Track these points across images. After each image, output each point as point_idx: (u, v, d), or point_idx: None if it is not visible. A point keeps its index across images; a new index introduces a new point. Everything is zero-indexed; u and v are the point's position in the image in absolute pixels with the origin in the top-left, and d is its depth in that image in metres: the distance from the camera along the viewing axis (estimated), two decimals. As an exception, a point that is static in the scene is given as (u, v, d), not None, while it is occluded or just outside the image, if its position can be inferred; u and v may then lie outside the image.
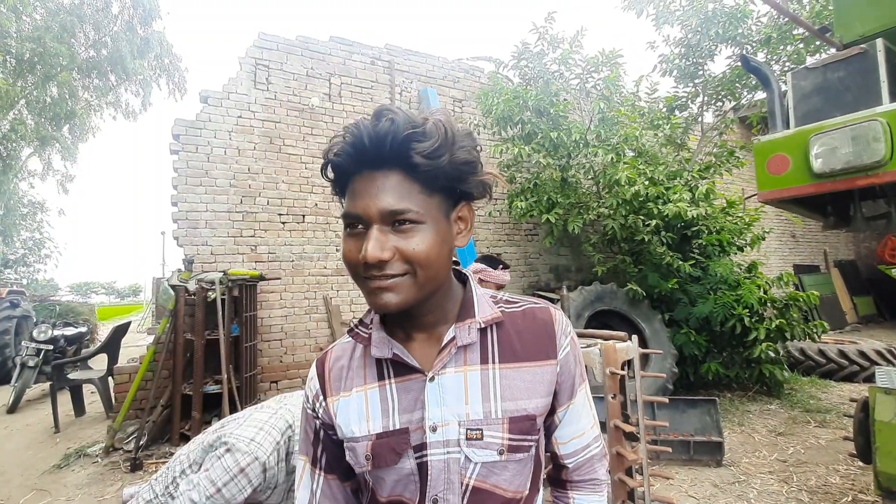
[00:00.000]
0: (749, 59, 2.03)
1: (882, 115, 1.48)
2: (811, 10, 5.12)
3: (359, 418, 0.68)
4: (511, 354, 0.69)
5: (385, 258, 0.58)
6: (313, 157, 5.49)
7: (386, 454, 0.65)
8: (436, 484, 0.65)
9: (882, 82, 1.64)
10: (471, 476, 0.65)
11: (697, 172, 5.42)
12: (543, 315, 0.73)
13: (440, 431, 0.65)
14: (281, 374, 5.09)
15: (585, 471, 0.79)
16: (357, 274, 0.62)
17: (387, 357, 0.67)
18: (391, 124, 0.59)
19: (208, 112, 5.02)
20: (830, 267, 10.73)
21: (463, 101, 6.64)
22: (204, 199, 4.91)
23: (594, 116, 5.45)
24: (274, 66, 5.40)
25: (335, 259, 5.50)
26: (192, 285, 4.26)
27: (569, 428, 0.76)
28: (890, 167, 1.47)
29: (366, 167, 0.60)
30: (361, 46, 5.99)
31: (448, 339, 0.66)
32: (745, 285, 4.92)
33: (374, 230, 0.59)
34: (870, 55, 1.69)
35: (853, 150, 1.53)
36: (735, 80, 5.62)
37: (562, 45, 5.57)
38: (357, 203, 0.60)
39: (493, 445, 0.65)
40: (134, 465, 3.55)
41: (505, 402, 0.66)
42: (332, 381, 0.72)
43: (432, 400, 0.65)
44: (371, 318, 0.72)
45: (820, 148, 1.63)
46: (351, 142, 0.60)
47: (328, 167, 0.64)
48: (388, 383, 0.68)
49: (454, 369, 0.67)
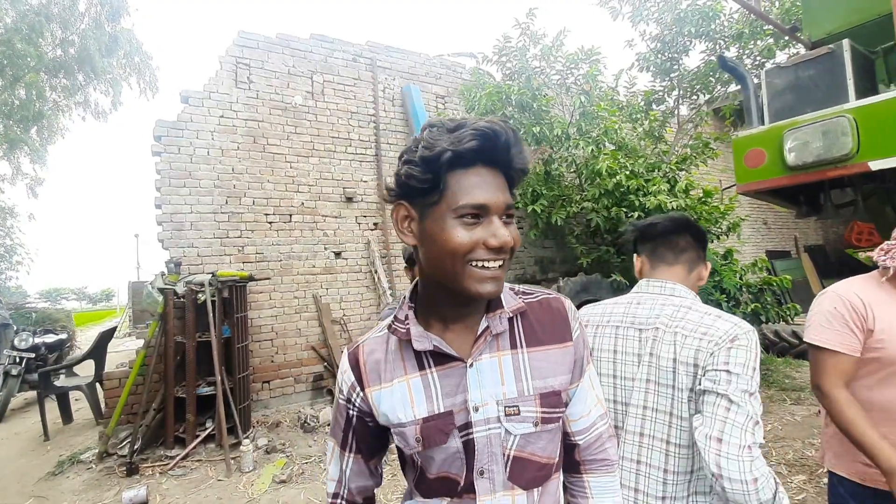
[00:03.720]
0: (726, 59, 2.14)
1: (849, 111, 1.60)
2: (781, 6, 5.32)
3: (404, 406, 0.75)
4: (535, 339, 0.77)
5: (512, 244, 0.67)
6: (298, 155, 5.47)
7: (435, 435, 0.73)
8: (481, 457, 0.72)
9: (848, 80, 1.77)
10: (511, 447, 0.73)
11: (675, 164, 5.60)
12: (557, 304, 0.82)
13: (482, 411, 0.72)
14: (273, 373, 5.10)
15: (596, 449, 0.86)
16: (467, 260, 0.66)
17: (428, 349, 0.74)
18: (513, 133, 0.67)
19: (189, 112, 4.95)
20: (801, 252, 11.17)
21: (446, 97, 6.68)
22: (188, 201, 4.85)
23: (575, 111, 5.56)
24: (255, 64, 5.35)
25: (324, 258, 5.51)
26: (180, 288, 4.23)
27: (578, 406, 0.83)
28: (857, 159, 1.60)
29: (482, 163, 0.67)
30: (343, 44, 5.97)
31: (483, 328, 0.74)
32: (723, 271, 5.12)
33: (496, 219, 0.67)
34: (837, 55, 1.81)
35: (824, 144, 1.65)
36: (709, 73, 5.80)
37: (543, 40, 5.66)
38: (481, 194, 0.66)
39: (529, 419, 0.73)
40: (130, 469, 3.53)
41: (535, 380, 0.75)
42: (370, 374, 0.78)
43: (472, 384, 0.73)
44: (405, 315, 0.78)
45: (793, 142, 1.75)
46: (485, 136, 0.65)
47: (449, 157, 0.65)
48: (429, 372, 0.75)
49: (489, 355, 0.75)
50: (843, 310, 1.30)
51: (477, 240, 0.66)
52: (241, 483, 3.51)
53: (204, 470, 3.72)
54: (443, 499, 0.76)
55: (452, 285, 0.69)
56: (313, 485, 3.49)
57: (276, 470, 3.68)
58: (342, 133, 5.79)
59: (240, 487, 3.44)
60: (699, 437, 0.90)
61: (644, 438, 1.03)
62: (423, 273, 0.76)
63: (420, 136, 0.69)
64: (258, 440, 4.21)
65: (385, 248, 5.93)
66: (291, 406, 5.11)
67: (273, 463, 3.84)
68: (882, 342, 1.26)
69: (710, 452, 0.88)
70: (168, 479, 3.57)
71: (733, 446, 0.87)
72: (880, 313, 1.27)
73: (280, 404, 5.09)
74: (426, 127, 0.70)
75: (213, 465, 3.78)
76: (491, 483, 0.73)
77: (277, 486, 3.46)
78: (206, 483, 3.51)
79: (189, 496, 3.31)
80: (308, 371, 5.30)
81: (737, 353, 0.94)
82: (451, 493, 0.75)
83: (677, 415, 0.99)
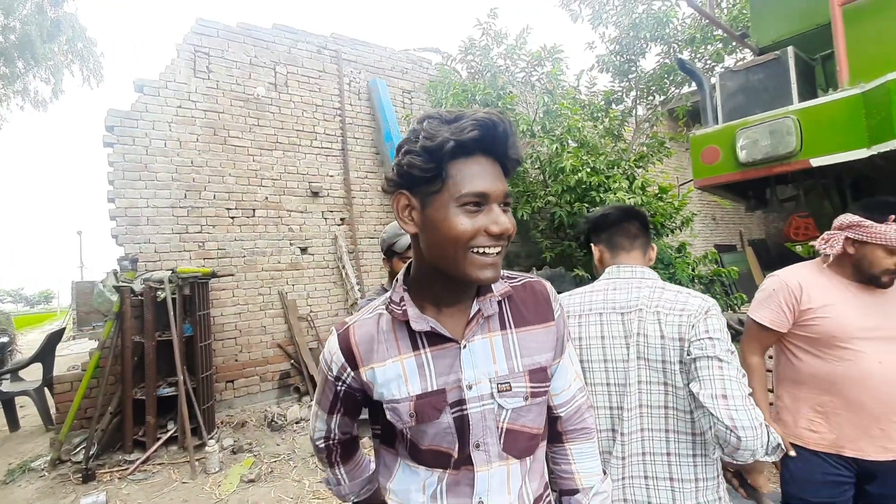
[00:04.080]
0: (684, 62, 2.28)
1: (793, 112, 1.75)
2: (729, 14, 5.65)
3: (398, 383, 0.78)
4: (522, 320, 0.83)
5: (511, 232, 0.71)
6: (261, 148, 5.33)
7: (428, 411, 0.77)
8: (476, 431, 0.77)
9: (792, 84, 1.93)
10: (504, 420, 0.79)
11: (633, 162, 5.85)
12: (539, 287, 0.88)
13: (475, 388, 0.77)
14: (237, 372, 4.97)
15: (576, 420, 0.93)
16: (467, 247, 0.70)
17: (425, 330, 0.78)
18: (509, 124, 0.71)
19: (144, 102, 4.72)
20: (745, 246, 11.92)
21: (412, 92, 6.67)
22: (144, 195, 4.64)
23: (539, 109, 5.70)
24: (214, 53, 5.16)
25: (289, 253, 5.40)
26: (137, 285, 4.04)
27: (559, 381, 0.90)
28: (800, 157, 1.75)
29: (481, 153, 0.71)
30: (307, 35, 5.85)
31: (475, 311, 0.79)
32: (677, 264, 5.41)
33: (496, 207, 0.71)
34: (782, 61, 1.97)
35: (771, 142, 1.80)
36: (664, 76, 6.09)
37: (506, 40, 5.76)
38: (481, 183, 0.70)
39: (520, 394, 0.79)
40: (86, 475, 3.37)
41: (524, 358, 0.81)
42: (363, 354, 0.81)
43: (466, 363, 0.78)
44: (400, 297, 0.81)
45: (744, 140, 1.89)
46: (485, 126, 0.69)
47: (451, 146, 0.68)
48: (424, 352, 0.79)
49: (481, 336, 0.80)
50: (779, 291, 1.49)
51: (479, 227, 0.69)
52: (207, 484, 3.41)
53: (167, 473, 3.59)
54: (435, 470, 0.79)
55: (453, 272, 0.72)
56: (283, 482, 3.45)
57: (244, 469, 3.61)
58: (307, 126, 5.68)
59: (206, 489, 3.35)
60: (705, 400, 1.00)
61: (643, 409, 1.12)
62: (421, 259, 0.79)
63: (419, 127, 0.72)
64: (223, 440, 4.10)
65: (352, 243, 5.88)
66: (257, 405, 5.00)
67: (240, 463, 3.76)
68: (816, 320, 1.44)
69: (719, 409, 0.97)
70: (128, 484, 3.43)
71: (738, 398, 0.98)
72: (816, 295, 1.45)
73: (245, 404, 4.97)
74: (424, 118, 0.73)
75: (177, 468, 3.66)
76: (487, 455, 0.77)
77: (246, 486, 3.39)
78: (170, 486, 3.40)
79: (152, 500, 3.20)
80: (274, 369, 5.19)
81: (712, 321, 1.08)
82: (445, 466, 0.79)
83: (671, 384, 1.10)
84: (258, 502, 3.16)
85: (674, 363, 1.09)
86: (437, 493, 0.79)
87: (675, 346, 1.09)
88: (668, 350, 1.09)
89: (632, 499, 1.10)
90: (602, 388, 1.16)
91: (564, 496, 0.93)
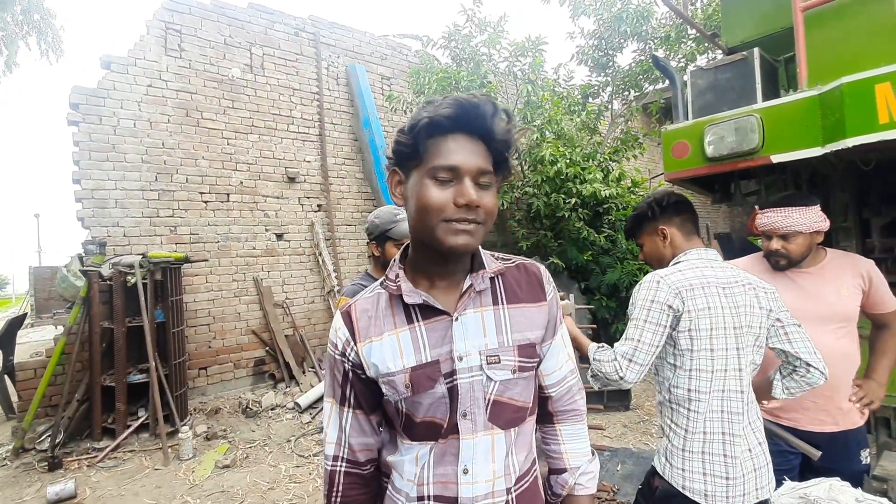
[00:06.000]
0: (659, 59, 2.36)
1: (757, 111, 1.84)
2: (704, 13, 5.80)
3: (393, 356, 0.82)
4: (514, 297, 0.87)
5: (479, 203, 0.73)
6: (236, 132, 5.21)
7: (423, 381, 0.80)
8: (464, 401, 0.81)
9: (757, 84, 2.03)
10: (491, 392, 0.82)
11: (608, 155, 5.99)
12: (533, 268, 0.93)
13: (465, 360, 0.81)
14: (210, 359, 4.90)
15: (567, 401, 0.97)
16: (440, 218, 0.74)
17: (417, 303, 0.82)
18: (492, 105, 0.74)
19: (112, 79, 4.55)
20: (711, 239, 12.37)
21: (391, 78, 6.62)
22: (112, 176, 4.49)
23: (520, 99, 5.75)
24: (187, 31, 4.99)
25: (264, 239, 5.33)
26: (106, 270, 3.94)
27: (551, 362, 0.94)
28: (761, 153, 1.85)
29: (461, 130, 0.74)
30: (284, 16, 5.72)
31: (467, 285, 0.83)
32: (647, 255, 5.58)
33: (468, 180, 0.74)
34: (749, 61, 2.07)
35: (736, 139, 1.89)
36: (639, 73, 6.23)
37: (489, 28, 5.77)
38: (454, 157, 0.73)
39: (508, 367, 0.83)
40: (52, 464, 3.30)
41: (514, 333, 0.85)
42: (361, 329, 0.85)
43: (457, 335, 0.81)
44: (396, 274, 0.85)
45: (712, 136, 1.98)
46: (461, 105, 0.73)
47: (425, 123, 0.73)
48: (417, 325, 0.83)
49: (473, 310, 0.84)
50: None
51: (447, 199, 0.74)
52: (180, 470, 3.39)
53: (138, 460, 3.55)
54: (426, 443, 0.83)
55: (430, 240, 0.77)
56: (259, 468, 3.45)
57: (219, 455, 3.60)
58: (284, 110, 5.58)
59: (179, 475, 3.33)
60: (807, 356, 1.30)
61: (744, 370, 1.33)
62: (412, 234, 0.84)
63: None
64: (197, 427, 4.07)
65: (329, 230, 5.84)
66: (231, 392, 4.96)
67: (215, 449, 3.74)
68: None
69: (818, 361, 1.30)
70: (97, 471, 3.38)
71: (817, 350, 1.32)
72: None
73: (219, 391, 4.92)
74: (423, 104, 0.79)
75: (149, 455, 3.62)
76: (473, 423, 0.82)
77: (221, 472, 3.38)
78: (141, 473, 3.36)
79: (124, 487, 3.16)
80: (249, 356, 5.15)
81: (778, 295, 1.39)
82: (436, 437, 0.82)
83: (760, 344, 1.35)
84: (233, 487, 3.16)
85: (764, 328, 1.34)
86: (427, 464, 0.82)
87: (766, 315, 1.34)
88: (762, 318, 1.33)
89: (755, 442, 1.29)
90: (733, 353, 1.29)
91: (552, 475, 0.97)
